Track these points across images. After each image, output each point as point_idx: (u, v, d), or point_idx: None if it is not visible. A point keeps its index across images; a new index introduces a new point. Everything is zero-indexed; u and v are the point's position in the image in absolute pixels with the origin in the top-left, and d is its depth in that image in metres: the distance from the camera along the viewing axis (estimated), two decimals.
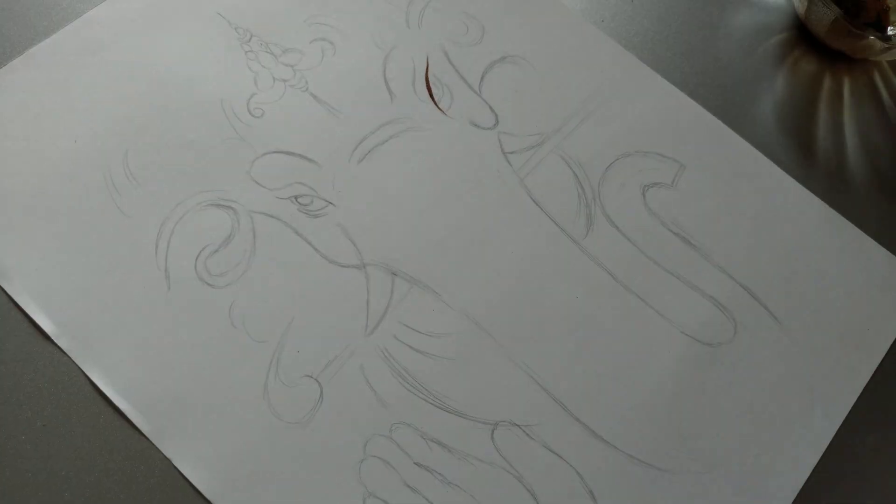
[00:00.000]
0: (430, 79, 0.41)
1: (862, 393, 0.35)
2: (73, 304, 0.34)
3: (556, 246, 0.37)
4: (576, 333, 0.35)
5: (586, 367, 0.34)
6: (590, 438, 0.33)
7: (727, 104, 0.41)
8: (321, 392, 0.33)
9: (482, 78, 0.41)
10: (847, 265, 0.37)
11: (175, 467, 0.31)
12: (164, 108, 0.39)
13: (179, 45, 0.40)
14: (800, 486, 0.33)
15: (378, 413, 0.33)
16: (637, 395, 0.34)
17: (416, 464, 0.32)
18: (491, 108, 0.40)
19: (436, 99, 0.40)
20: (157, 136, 0.38)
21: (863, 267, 0.37)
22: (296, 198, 0.37)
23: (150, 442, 0.32)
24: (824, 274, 0.37)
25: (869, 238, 0.38)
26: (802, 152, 0.40)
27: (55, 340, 0.33)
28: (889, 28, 0.43)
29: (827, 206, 0.38)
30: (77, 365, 0.33)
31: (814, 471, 0.33)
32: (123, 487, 0.31)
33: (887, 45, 0.40)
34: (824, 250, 0.37)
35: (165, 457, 0.31)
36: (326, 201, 0.37)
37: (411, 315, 0.35)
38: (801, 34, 0.44)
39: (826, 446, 0.33)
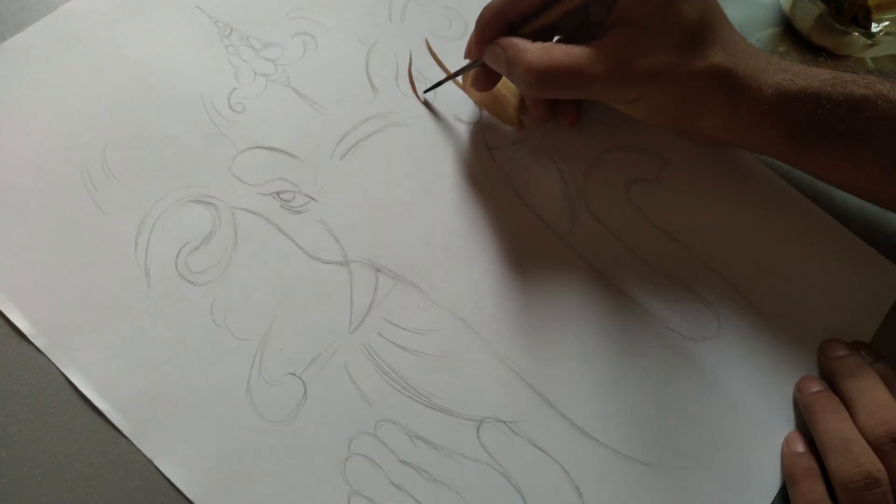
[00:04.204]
0: (412, 73, 0.40)
1: None
2: (50, 302, 0.33)
3: (541, 241, 0.37)
4: (561, 329, 0.35)
5: (571, 363, 0.34)
6: (576, 434, 0.33)
7: None
8: (305, 390, 0.32)
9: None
10: (829, 260, 0.37)
11: (156, 468, 0.31)
12: (143, 103, 0.38)
13: (158, 39, 0.40)
14: (783, 481, 0.33)
15: (363, 411, 0.32)
16: (622, 391, 0.34)
17: (401, 461, 0.32)
18: (475, 102, 0.40)
19: (419, 94, 0.40)
20: (136, 131, 0.37)
21: (844, 261, 0.37)
22: (278, 194, 0.36)
23: (131, 443, 0.31)
24: (807, 268, 0.37)
25: (851, 233, 0.38)
26: None
27: (31, 340, 0.32)
28: (872, 25, 0.43)
29: (809, 201, 0.39)
30: (54, 365, 0.32)
31: None
32: (102, 491, 0.31)
33: (870, 42, 0.40)
34: (807, 245, 0.38)
35: (146, 458, 0.31)
36: (309, 197, 0.36)
37: (395, 312, 0.34)
38: (787, 30, 0.45)
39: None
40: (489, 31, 0.35)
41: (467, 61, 0.37)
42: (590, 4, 0.35)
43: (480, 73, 0.37)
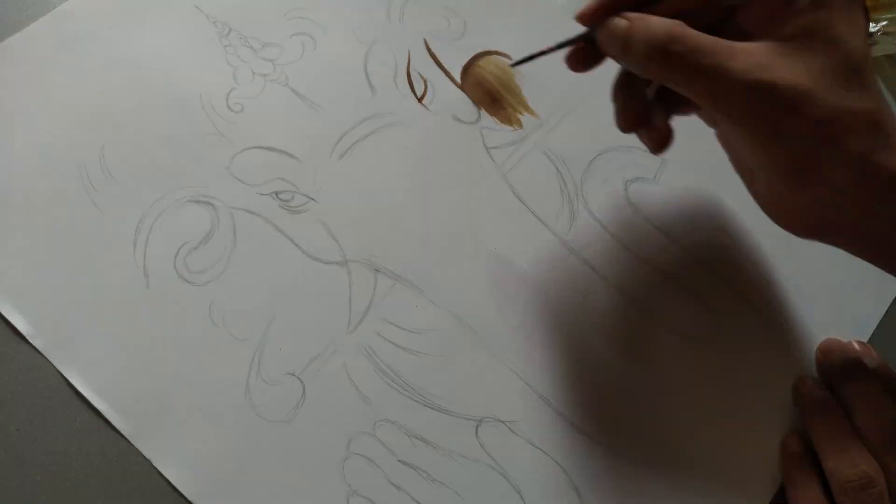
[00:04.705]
0: (411, 73, 0.40)
1: None
2: (49, 302, 0.33)
3: (539, 241, 0.37)
4: (559, 329, 0.35)
5: (570, 363, 0.34)
6: (575, 434, 0.33)
7: None
8: (304, 390, 0.32)
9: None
10: (827, 259, 0.37)
11: (155, 469, 0.31)
12: (142, 103, 0.38)
13: (156, 39, 0.40)
14: (780, 481, 0.33)
15: (361, 410, 0.32)
16: (621, 390, 0.34)
17: (400, 461, 0.31)
18: (473, 102, 0.40)
19: (417, 94, 0.40)
20: (135, 131, 0.37)
21: (842, 261, 0.37)
22: (276, 194, 0.36)
23: (129, 444, 0.31)
24: (805, 268, 0.37)
25: None
26: None
27: (30, 340, 0.32)
28: (871, 25, 0.43)
29: None
30: (53, 365, 0.32)
31: None
32: (101, 492, 0.30)
33: (869, 42, 0.40)
34: (805, 244, 0.37)
35: (145, 458, 0.31)
36: (307, 197, 0.36)
37: (394, 311, 0.34)
38: None
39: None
40: (615, 2, 0.29)
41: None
42: (740, 7, 0.29)
43: (582, 49, 0.31)
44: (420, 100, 0.40)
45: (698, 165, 0.39)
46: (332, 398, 0.32)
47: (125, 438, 0.31)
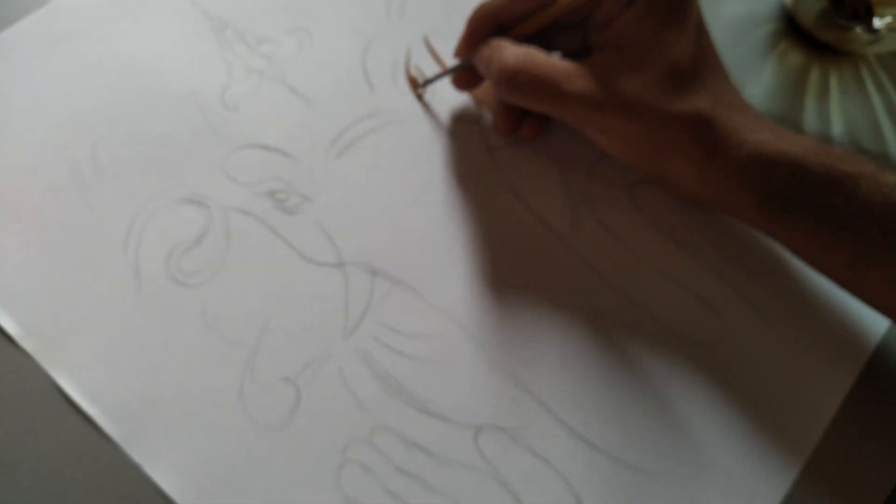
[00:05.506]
0: (411, 71, 0.39)
1: (848, 393, 0.34)
2: (39, 304, 0.33)
3: (542, 243, 0.36)
4: (561, 334, 0.34)
5: (572, 369, 0.33)
6: (576, 442, 0.32)
7: None
8: (299, 395, 0.32)
9: None
10: None
11: (146, 474, 0.30)
12: (135, 101, 0.37)
13: (150, 35, 0.39)
14: (787, 488, 0.32)
15: (358, 417, 0.32)
16: (624, 396, 0.33)
17: (397, 469, 0.31)
18: (475, 101, 0.39)
19: (417, 91, 0.39)
20: (127, 129, 0.36)
21: None
22: (272, 193, 0.36)
23: (120, 448, 0.30)
24: (811, 273, 0.36)
25: None
26: None
27: (19, 342, 0.32)
28: (875, 20, 0.42)
29: None
30: (43, 368, 0.31)
31: (800, 471, 0.33)
32: (90, 498, 0.30)
33: (873, 38, 0.40)
34: None
35: (135, 463, 0.30)
36: (303, 197, 0.36)
37: (392, 315, 0.34)
38: (789, 26, 0.44)
39: (813, 447, 0.33)
40: (480, 32, 0.34)
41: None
42: (589, 27, 0.33)
43: (463, 71, 0.36)
44: (420, 98, 0.39)
45: None
46: (328, 404, 0.32)
47: (115, 443, 0.31)
